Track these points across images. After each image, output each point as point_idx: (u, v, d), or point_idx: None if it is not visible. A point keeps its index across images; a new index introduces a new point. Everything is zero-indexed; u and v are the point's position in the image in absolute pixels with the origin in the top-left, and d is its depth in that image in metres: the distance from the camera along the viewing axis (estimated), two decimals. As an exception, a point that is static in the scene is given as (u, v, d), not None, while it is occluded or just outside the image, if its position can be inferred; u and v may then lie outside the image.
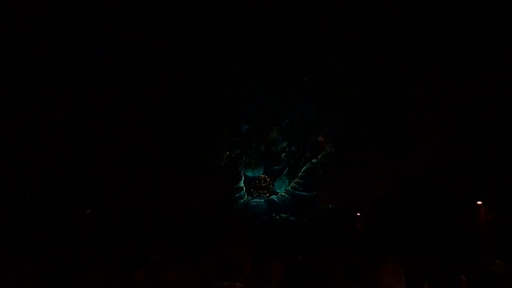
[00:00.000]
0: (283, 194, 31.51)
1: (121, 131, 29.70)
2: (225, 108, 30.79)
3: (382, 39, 29.73)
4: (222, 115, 30.71)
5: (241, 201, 31.36)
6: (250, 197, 31.76)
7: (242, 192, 31.73)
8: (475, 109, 25.93)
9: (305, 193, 31.19)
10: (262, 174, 32.43)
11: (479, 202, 20.99)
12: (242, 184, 31.90)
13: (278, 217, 29.90)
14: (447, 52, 29.29)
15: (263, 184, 31.97)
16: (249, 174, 32.25)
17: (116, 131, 29.44)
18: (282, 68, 30.37)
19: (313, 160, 31.44)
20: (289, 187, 31.64)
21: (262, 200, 31.29)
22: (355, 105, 29.72)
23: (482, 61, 27.89)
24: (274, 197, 31.47)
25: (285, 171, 32.06)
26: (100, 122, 29.97)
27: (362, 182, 29.97)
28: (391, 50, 29.86)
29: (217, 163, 31.18)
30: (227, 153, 31.17)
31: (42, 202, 23.45)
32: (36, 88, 28.33)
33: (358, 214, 27.59)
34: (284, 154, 32.12)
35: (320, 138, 26.70)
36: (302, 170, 31.68)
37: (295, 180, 31.62)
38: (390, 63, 29.32)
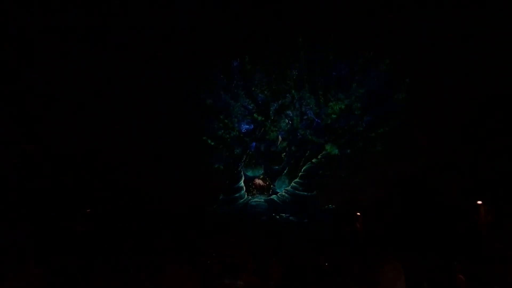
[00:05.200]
0: (283, 194, 31.48)
1: (121, 131, 29.72)
2: (224, 108, 30.78)
3: (381, 39, 29.75)
4: (221, 115, 30.68)
5: (241, 201, 31.34)
6: (250, 197, 31.75)
7: (242, 192, 31.71)
8: (475, 109, 25.93)
9: (305, 193, 31.16)
10: (262, 174, 32.45)
11: (479, 202, 21.00)
12: (242, 184, 31.89)
13: (278, 217, 29.88)
14: (447, 52, 29.31)
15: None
16: (249, 174, 32.24)
17: (116, 131, 29.46)
18: (282, 67, 30.37)
19: (313, 160, 31.42)
20: (289, 187, 31.61)
21: (262, 200, 31.28)
22: (355, 105, 29.67)
23: (482, 61, 27.89)
24: (274, 196, 31.44)
25: (285, 171, 32.05)
26: (101, 122, 30.00)
27: (362, 182, 30.00)
28: (391, 50, 29.88)
29: (216, 163, 31.16)
30: (227, 153, 31.14)
31: (42, 202, 23.45)
32: (35, 87, 28.33)
33: (358, 214, 27.59)
34: (284, 154, 32.10)
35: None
36: (302, 170, 31.66)
37: (295, 180, 31.59)
38: (390, 62, 29.30)
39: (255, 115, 30.73)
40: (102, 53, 30.41)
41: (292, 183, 31.54)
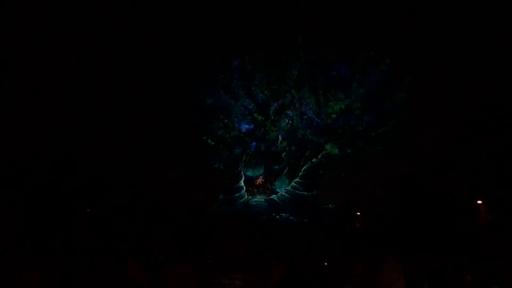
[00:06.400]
0: (283, 193, 31.48)
1: (121, 130, 29.73)
2: (224, 108, 30.78)
3: (381, 39, 29.74)
4: (221, 115, 30.68)
5: (241, 200, 31.33)
6: (250, 197, 31.75)
7: (242, 192, 31.71)
8: (475, 109, 25.93)
9: (305, 193, 31.15)
10: (262, 173, 32.45)
11: (479, 202, 21.02)
12: (242, 183, 31.88)
13: (278, 217, 29.87)
14: (447, 52, 29.30)
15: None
16: (249, 173, 32.25)
17: (116, 131, 29.46)
18: (282, 67, 30.37)
19: (313, 160, 31.40)
20: (289, 186, 31.61)
21: (262, 200, 31.29)
22: (355, 105, 29.66)
23: (482, 61, 27.88)
24: (274, 196, 31.43)
25: (285, 171, 32.04)
26: (100, 122, 30.00)
27: (362, 182, 29.99)
28: (391, 50, 29.87)
29: (216, 163, 31.15)
30: (227, 153, 31.13)
31: (42, 201, 23.46)
32: (36, 86, 28.35)
33: (358, 213, 27.60)
34: (284, 153, 32.10)
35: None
36: (302, 169, 31.65)
37: (295, 180, 31.58)
38: (390, 62, 29.29)
39: (255, 115, 30.72)
40: (101, 53, 30.42)
41: (292, 183, 31.53)
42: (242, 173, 31.92)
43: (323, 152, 30.86)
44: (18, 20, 27.79)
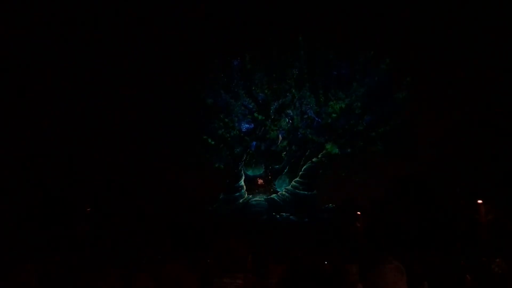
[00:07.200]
0: (284, 193, 31.47)
1: (122, 131, 29.72)
2: (224, 107, 30.77)
3: (382, 38, 29.73)
4: (221, 114, 30.66)
5: (242, 200, 31.33)
6: (250, 196, 31.74)
7: (243, 191, 31.70)
8: (475, 109, 25.91)
9: (306, 192, 31.15)
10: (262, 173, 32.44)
11: (479, 201, 21.00)
12: (242, 183, 31.87)
13: (278, 216, 29.87)
14: (447, 52, 29.28)
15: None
16: (250, 173, 32.24)
17: (117, 131, 29.46)
18: (282, 66, 30.35)
19: (314, 159, 31.40)
20: (290, 186, 31.60)
21: (263, 199, 31.27)
22: (356, 104, 29.63)
23: (482, 61, 27.88)
24: (274, 196, 31.43)
25: (285, 170, 32.03)
26: (101, 121, 30.00)
27: (362, 182, 29.99)
28: (391, 49, 29.88)
29: (217, 162, 31.13)
30: (228, 152, 31.12)
31: (43, 201, 23.45)
32: (37, 87, 28.34)
33: (358, 213, 27.59)
34: (284, 153, 32.09)
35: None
36: (303, 169, 31.65)
37: (296, 179, 31.58)
38: (390, 62, 29.29)
39: (255, 114, 30.71)
40: (102, 53, 30.42)
41: (293, 182, 31.53)
42: (242, 172, 31.92)
43: (323, 151, 30.86)
44: (18, 21, 27.80)
